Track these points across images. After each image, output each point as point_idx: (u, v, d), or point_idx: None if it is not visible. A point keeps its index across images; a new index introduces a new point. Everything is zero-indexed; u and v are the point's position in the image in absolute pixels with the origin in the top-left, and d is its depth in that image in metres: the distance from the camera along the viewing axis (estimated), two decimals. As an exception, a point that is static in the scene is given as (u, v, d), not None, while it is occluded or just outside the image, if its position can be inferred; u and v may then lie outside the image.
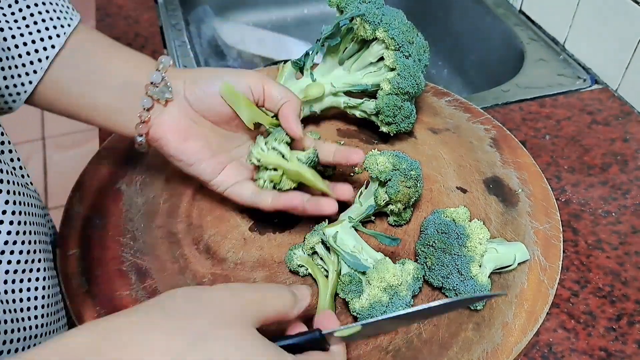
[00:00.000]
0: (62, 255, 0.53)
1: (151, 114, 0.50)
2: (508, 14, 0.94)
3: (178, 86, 0.50)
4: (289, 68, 0.63)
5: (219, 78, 0.50)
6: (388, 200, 0.51)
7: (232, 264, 0.52)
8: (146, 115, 0.49)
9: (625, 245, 0.57)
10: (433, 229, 0.50)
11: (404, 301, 0.46)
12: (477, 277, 0.47)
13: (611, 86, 0.77)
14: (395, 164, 0.51)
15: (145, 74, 0.50)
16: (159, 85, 0.49)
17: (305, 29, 1.17)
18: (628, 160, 0.66)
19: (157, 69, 0.50)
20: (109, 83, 0.49)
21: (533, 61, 0.84)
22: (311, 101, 0.63)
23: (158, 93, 0.49)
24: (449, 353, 0.45)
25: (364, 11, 0.58)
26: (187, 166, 0.52)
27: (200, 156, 0.51)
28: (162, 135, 0.50)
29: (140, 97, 0.49)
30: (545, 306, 0.48)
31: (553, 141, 0.69)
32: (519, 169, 0.61)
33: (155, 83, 0.49)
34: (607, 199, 0.61)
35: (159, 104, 0.50)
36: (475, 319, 0.48)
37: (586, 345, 0.49)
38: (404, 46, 0.58)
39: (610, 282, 0.53)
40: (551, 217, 0.56)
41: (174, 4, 0.97)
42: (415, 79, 0.59)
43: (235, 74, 0.51)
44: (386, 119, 0.60)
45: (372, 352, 0.46)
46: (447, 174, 0.61)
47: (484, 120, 0.67)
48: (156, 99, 0.49)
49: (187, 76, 0.51)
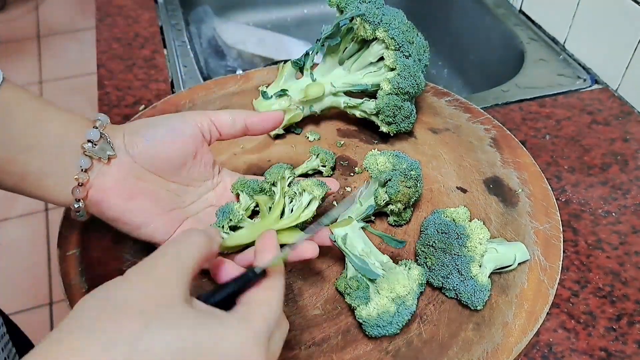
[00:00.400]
0: (62, 255, 0.53)
1: (89, 176, 0.44)
2: (508, 14, 0.94)
3: (117, 140, 0.45)
4: (289, 68, 0.63)
5: (162, 125, 0.47)
6: (388, 200, 0.51)
7: (232, 264, 0.52)
8: (84, 177, 0.44)
9: (625, 245, 0.57)
10: (433, 229, 0.50)
11: (409, 310, 0.45)
12: (477, 277, 0.47)
13: (611, 86, 0.77)
14: (395, 164, 0.51)
15: (81, 133, 0.44)
16: (97, 143, 0.44)
17: (305, 29, 1.17)
18: (628, 160, 0.66)
19: (94, 126, 0.45)
20: (40, 145, 0.43)
21: (533, 61, 0.84)
22: (311, 101, 0.63)
23: (98, 151, 0.44)
24: (449, 353, 0.45)
25: (364, 11, 0.58)
26: (135, 229, 0.46)
27: (148, 215, 0.46)
28: (102, 197, 0.45)
29: (77, 158, 0.44)
30: (546, 306, 0.48)
31: (553, 141, 0.69)
32: (519, 169, 0.61)
33: (94, 141, 0.44)
34: (607, 199, 0.62)
35: (101, 162, 0.45)
36: (475, 319, 0.48)
37: (586, 345, 0.49)
38: (404, 46, 0.58)
39: (611, 282, 0.53)
40: (551, 217, 0.56)
41: (174, 4, 0.97)
42: (415, 79, 0.59)
43: (179, 118, 0.47)
44: (386, 119, 0.60)
45: (372, 352, 0.46)
46: (447, 174, 0.61)
47: (484, 120, 0.67)
48: (97, 157, 0.44)
49: (126, 129, 0.46)
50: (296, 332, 0.47)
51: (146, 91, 0.77)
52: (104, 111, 0.74)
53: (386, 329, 0.45)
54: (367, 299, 0.46)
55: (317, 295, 0.50)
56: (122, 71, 0.81)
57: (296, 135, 0.66)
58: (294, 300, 0.49)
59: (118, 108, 0.74)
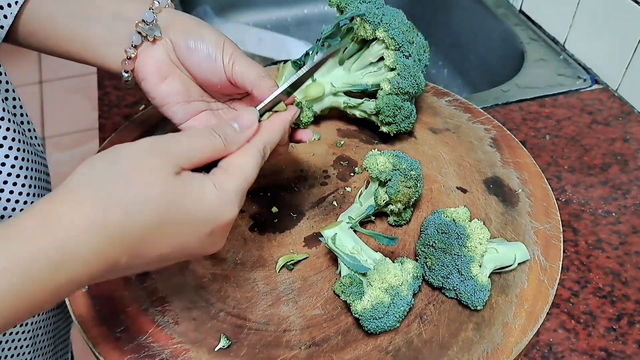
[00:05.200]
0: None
1: (138, 52, 0.49)
2: (508, 14, 0.94)
3: (169, 28, 0.50)
4: (289, 68, 0.63)
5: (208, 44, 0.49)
6: (388, 200, 0.51)
7: (231, 264, 0.52)
8: (133, 52, 0.49)
9: (625, 245, 0.57)
10: (433, 229, 0.50)
11: (405, 301, 0.46)
12: (477, 277, 0.47)
13: (611, 86, 0.77)
14: (395, 164, 0.51)
15: (137, 12, 0.49)
16: (149, 24, 0.49)
17: (305, 29, 1.17)
18: (628, 160, 0.66)
19: (150, 8, 0.49)
20: (99, 16, 0.49)
21: (533, 61, 0.84)
22: (311, 101, 0.63)
23: (147, 30, 0.49)
24: (449, 353, 0.45)
25: (364, 11, 0.58)
26: (160, 106, 0.51)
27: (173, 99, 0.50)
28: (142, 72, 0.50)
29: (130, 33, 0.49)
30: (546, 306, 0.48)
31: (553, 141, 0.69)
32: (519, 169, 0.61)
33: (147, 21, 0.49)
34: (607, 199, 0.62)
35: (147, 41, 0.49)
36: (475, 319, 0.48)
37: (586, 345, 0.49)
38: (404, 46, 0.58)
39: (611, 282, 0.53)
40: (551, 217, 0.56)
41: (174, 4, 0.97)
42: (415, 79, 0.59)
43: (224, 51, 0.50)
44: (386, 119, 0.60)
45: (372, 352, 0.46)
46: (447, 174, 0.61)
47: (484, 120, 0.67)
48: (144, 35, 0.49)
49: (178, 22, 0.50)
50: (296, 332, 0.47)
51: (146, 91, 0.77)
52: (104, 111, 0.74)
53: (383, 322, 0.45)
54: (361, 294, 0.46)
55: (317, 295, 0.50)
56: (122, 71, 0.81)
57: (296, 135, 0.66)
58: (294, 300, 0.49)
59: (118, 108, 0.74)
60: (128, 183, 0.34)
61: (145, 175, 0.34)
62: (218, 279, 0.51)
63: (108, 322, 0.48)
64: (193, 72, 0.50)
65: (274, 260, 0.53)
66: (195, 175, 0.37)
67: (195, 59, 0.49)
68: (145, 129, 0.66)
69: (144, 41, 0.49)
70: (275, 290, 0.50)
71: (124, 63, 0.49)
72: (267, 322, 0.48)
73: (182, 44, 0.49)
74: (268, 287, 0.50)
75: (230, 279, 0.51)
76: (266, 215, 0.57)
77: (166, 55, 0.50)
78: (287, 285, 0.50)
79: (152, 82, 0.50)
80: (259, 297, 0.50)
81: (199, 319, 0.48)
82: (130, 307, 0.49)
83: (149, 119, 0.68)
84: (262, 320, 0.48)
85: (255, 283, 0.51)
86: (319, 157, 0.63)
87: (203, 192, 0.36)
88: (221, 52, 0.49)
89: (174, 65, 0.50)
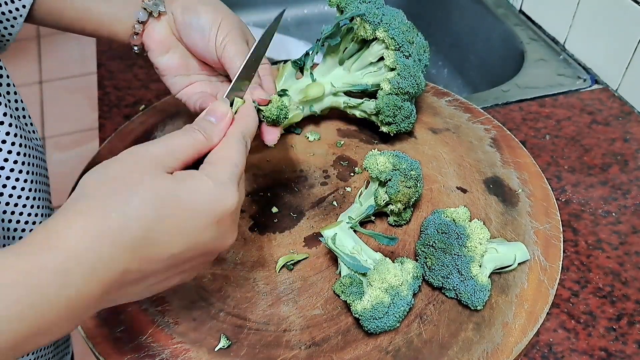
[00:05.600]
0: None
1: (145, 27, 0.53)
2: (508, 14, 0.94)
3: (172, 3, 0.53)
4: (289, 68, 0.63)
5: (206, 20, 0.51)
6: (388, 200, 0.51)
7: (232, 264, 0.52)
8: (139, 27, 0.53)
9: (625, 245, 0.57)
10: (433, 229, 0.50)
11: (405, 301, 0.46)
12: (477, 277, 0.47)
13: (611, 86, 0.78)
14: (395, 164, 0.51)
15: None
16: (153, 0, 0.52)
17: (305, 29, 1.17)
18: (628, 160, 0.66)
19: None
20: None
21: (533, 61, 0.84)
22: (311, 101, 0.63)
23: (152, 7, 0.52)
24: (449, 353, 0.45)
25: (364, 11, 0.58)
26: (161, 75, 0.55)
27: (173, 70, 0.54)
28: (148, 44, 0.54)
29: (137, 10, 0.52)
30: (546, 306, 0.48)
31: (553, 141, 0.69)
32: (519, 169, 0.61)
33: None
34: (607, 199, 0.62)
35: (152, 17, 0.53)
36: (475, 319, 0.48)
37: (586, 345, 0.49)
38: (404, 46, 0.58)
39: (611, 282, 0.53)
40: (551, 217, 0.56)
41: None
42: (415, 79, 0.59)
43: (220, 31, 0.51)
44: (386, 119, 0.60)
45: (372, 352, 0.46)
46: (447, 174, 0.61)
47: (484, 120, 0.67)
48: (149, 11, 0.52)
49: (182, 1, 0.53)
50: (296, 332, 0.47)
51: (146, 91, 0.77)
52: (104, 111, 0.74)
53: (383, 322, 0.45)
54: (361, 294, 0.46)
55: (317, 295, 0.50)
56: (122, 71, 0.81)
57: (296, 135, 0.66)
58: (294, 300, 0.49)
59: (118, 108, 0.75)
60: (120, 190, 0.34)
61: (134, 178, 0.35)
62: (218, 279, 0.51)
63: (108, 322, 0.48)
64: (190, 48, 0.53)
65: (274, 260, 0.53)
66: (186, 171, 0.38)
67: (192, 35, 0.52)
68: (145, 129, 0.66)
69: (149, 17, 0.53)
70: (275, 290, 0.50)
71: (132, 37, 0.53)
72: (267, 322, 0.48)
73: (180, 19, 0.52)
74: (268, 287, 0.50)
75: (230, 279, 0.51)
76: (266, 215, 0.57)
77: (169, 29, 0.53)
78: (287, 285, 0.50)
79: (155, 54, 0.54)
80: (259, 297, 0.50)
81: (199, 319, 0.48)
82: (130, 307, 0.49)
83: (149, 119, 0.68)
84: (262, 320, 0.48)
85: (255, 283, 0.51)
86: (319, 157, 0.63)
87: (196, 184, 0.36)
88: (215, 32, 0.50)
89: (175, 39, 0.54)
